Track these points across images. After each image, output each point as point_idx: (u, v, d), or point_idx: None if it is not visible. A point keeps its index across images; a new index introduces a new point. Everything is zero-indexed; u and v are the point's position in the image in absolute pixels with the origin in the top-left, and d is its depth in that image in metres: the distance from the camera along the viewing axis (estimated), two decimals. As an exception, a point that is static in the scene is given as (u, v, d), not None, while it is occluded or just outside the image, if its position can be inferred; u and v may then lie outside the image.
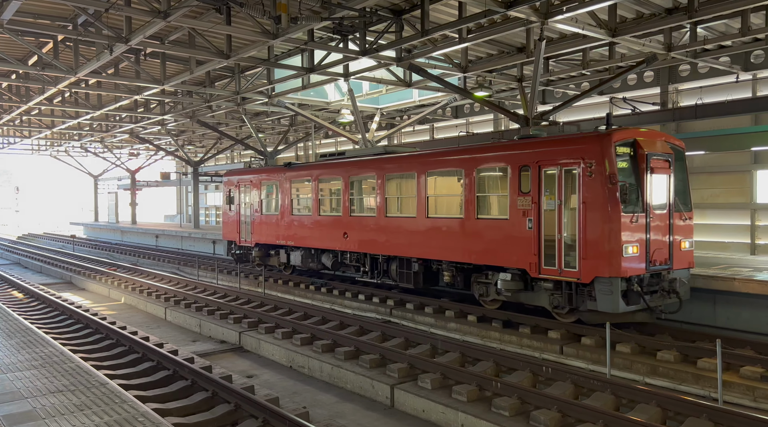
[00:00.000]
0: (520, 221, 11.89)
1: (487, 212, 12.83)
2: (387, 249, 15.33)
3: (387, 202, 15.32)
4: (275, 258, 20.49)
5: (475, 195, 12.95)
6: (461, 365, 9.90)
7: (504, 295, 12.53)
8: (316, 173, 17.88)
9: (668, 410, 7.48)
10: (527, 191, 11.83)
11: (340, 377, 9.73)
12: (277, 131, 33.80)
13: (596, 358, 10.25)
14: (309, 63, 17.14)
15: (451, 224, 13.51)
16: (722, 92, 18.63)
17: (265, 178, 20.46)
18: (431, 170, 14.13)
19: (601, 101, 21.56)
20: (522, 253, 11.81)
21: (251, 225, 20.90)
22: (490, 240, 12.57)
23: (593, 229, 10.71)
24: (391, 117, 28.43)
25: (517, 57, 17.03)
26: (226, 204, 22.47)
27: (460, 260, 13.40)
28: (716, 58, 16.99)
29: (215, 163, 48.35)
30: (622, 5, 13.62)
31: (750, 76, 18.01)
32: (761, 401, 8.18)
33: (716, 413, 7.08)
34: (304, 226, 18.31)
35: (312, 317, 13.60)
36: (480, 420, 7.43)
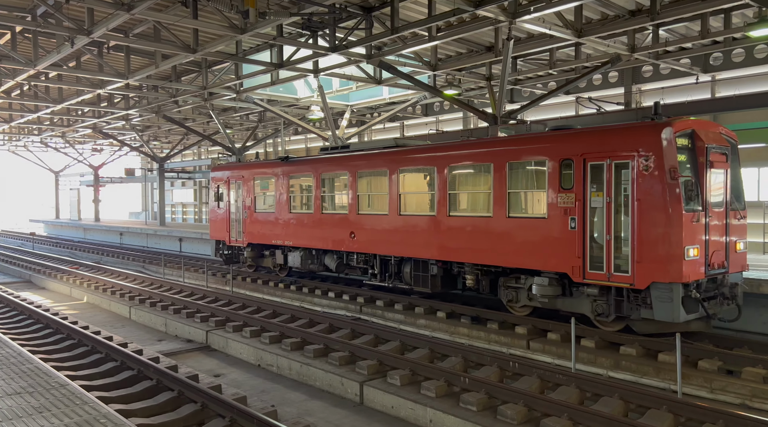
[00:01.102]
0: (560, 220, 10.74)
1: (521, 210, 11.65)
2: (400, 250, 14.04)
3: (401, 200, 13.98)
4: (269, 259, 18.99)
5: (506, 191, 11.69)
6: (430, 361, 9.96)
7: (539, 301, 11.50)
8: (319, 168, 16.34)
9: (630, 402, 7.67)
10: (569, 187, 10.65)
11: (309, 374, 9.69)
12: (246, 127, 33.40)
13: (562, 352, 10.44)
14: (278, 59, 16.99)
15: (476, 223, 12.29)
16: (683, 93, 19.19)
17: (259, 173, 18.80)
18: (453, 164, 12.80)
19: (567, 101, 21.97)
20: (563, 255, 10.69)
21: (243, 224, 19.33)
22: (523, 241, 11.40)
23: (650, 229, 9.62)
24: (361, 114, 28.40)
25: (486, 56, 17.21)
26: (214, 201, 20.73)
27: (486, 263, 12.25)
28: (677, 59, 17.49)
29: (182, 159, 47.52)
30: (587, 6, 13.89)
31: (709, 77, 18.59)
32: (718, 392, 8.46)
33: (675, 404, 7.29)
34: (304, 225, 16.92)
35: (281, 315, 13.49)
36: (448, 415, 7.50)
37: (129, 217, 55.61)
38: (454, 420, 7.42)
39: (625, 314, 10.32)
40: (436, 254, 13.21)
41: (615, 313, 10.43)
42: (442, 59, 18.43)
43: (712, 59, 17.97)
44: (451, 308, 13.50)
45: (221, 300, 15.53)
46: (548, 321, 11.82)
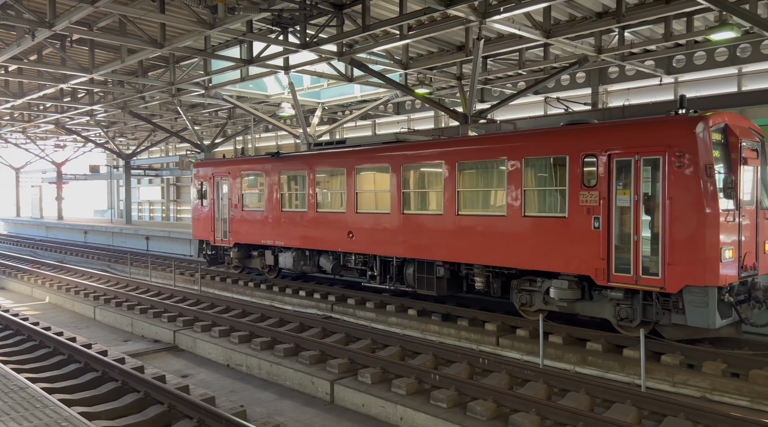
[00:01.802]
0: (582, 220, 10.12)
1: (538, 209, 10.94)
2: (404, 251, 13.23)
3: (404, 198, 13.20)
4: (258, 260, 18.00)
5: (522, 189, 11.02)
6: (401, 358, 9.98)
7: (557, 305, 10.89)
8: (313, 164, 15.44)
9: (596, 397, 7.82)
10: (593, 185, 10.04)
11: (279, 374, 9.61)
12: (215, 124, 32.93)
13: (530, 349, 10.59)
14: (248, 55, 16.79)
15: (488, 222, 11.60)
16: (647, 94, 19.67)
17: (247, 169, 17.77)
18: (463, 160, 12.05)
19: (536, 101, 22.28)
20: (585, 257, 10.08)
21: (229, 223, 18.29)
22: (541, 242, 10.75)
23: (683, 229, 9.05)
24: (333, 112, 28.28)
25: (457, 55, 17.33)
26: (197, 199, 19.65)
27: (498, 265, 11.56)
28: (642, 61, 17.91)
29: (149, 156, 46.61)
30: (556, 8, 14.10)
31: (672, 79, 19.08)
32: (680, 386, 8.70)
33: (639, 398, 7.47)
34: (297, 224, 15.99)
35: (251, 315, 13.35)
36: (418, 413, 7.53)
37: (94, 215, 54.28)
38: (424, 417, 7.45)
39: (652, 319, 9.80)
40: (443, 254, 12.46)
41: (641, 318, 9.89)
42: (413, 58, 18.48)
43: (675, 61, 18.44)
44: (422, 306, 13.55)
45: (189, 300, 15.29)
46: (517, 318, 11.98)
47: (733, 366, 8.86)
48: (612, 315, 10.27)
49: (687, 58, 18.13)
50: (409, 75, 20.22)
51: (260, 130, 34.21)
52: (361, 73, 18.66)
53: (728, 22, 12.17)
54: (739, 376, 8.67)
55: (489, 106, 19.19)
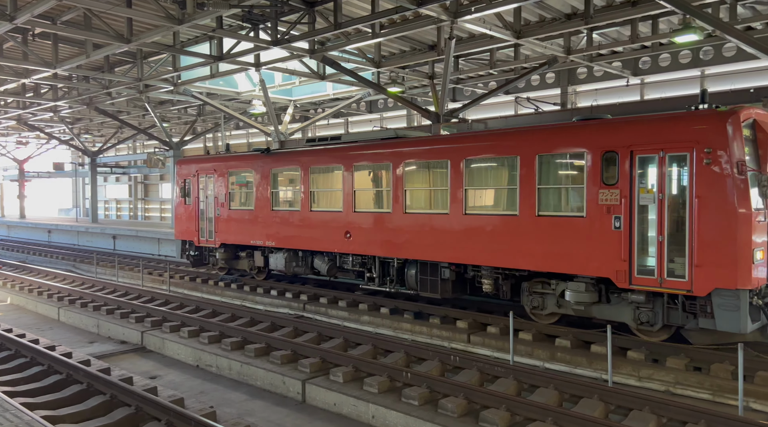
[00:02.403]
0: (602, 219, 9.66)
1: (553, 208, 10.41)
2: (406, 252, 12.65)
3: (407, 196, 12.62)
4: (246, 261, 17.22)
5: (536, 187, 10.49)
6: (373, 357, 9.99)
7: (573, 308, 10.47)
8: (307, 161, 14.74)
9: (565, 392, 7.96)
10: (613, 183, 9.57)
11: (250, 374, 9.52)
12: (184, 121, 32.40)
13: (501, 345, 10.71)
14: (218, 51, 16.56)
15: (498, 222, 11.07)
16: (615, 95, 20.07)
17: (235, 166, 16.90)
18: (471, 157, 11.48)
19: (506, 100, 22.52)
20: (604, 258, 9.63)
21: (215, 222, 17.39)
22: (556, 242, 10.27)
23: (713, 230, 8.62)
24: (305, 109, 28.12)
25: (429, 54, 17.40)
26: (180, 197, 18.68)
27: (509, 266, 11.04)
28: (609, 62, 18.27)
29: (116, 153, 45.61)
30: (526, 9, 14.27)
31: (638, 80, 19.51)
32: (645, 380, 8.91)
33: (606, 392, 7.63)
34: (289, 224, 15.22)
35: (221, 315, 13.18)
36: (390, 411, 7.55)
37: (58, 214, 52.86)
38: (396, 415, 7.48)
39: (676, 323, 9.44)
40: (448, 256, 11.90)
41: (663, 322, 9.52)
42: (385, 56, 18.49)
43: (641, 63, 18.86)
44: (395, 304, 13.58)
45: (158, 300, 15.02)
46: (488, 315, 12.10)
47: (695, 361, 9.12)
48: (631, 319, 9.82)
49: (652, 59, 18.56)
50: (381, 73, 20.24)
51: (231, 127, 33.80)
52: (334, 71, 18.60)
53: (691, 25, 12.49)
54: (701, 370, 8.93)
55: (461, 105, 19.35)
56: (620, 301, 9.95)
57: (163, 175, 41.32)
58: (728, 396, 8.05)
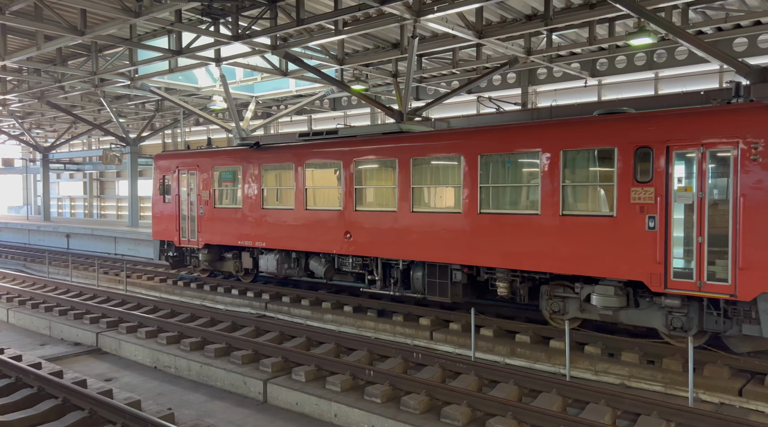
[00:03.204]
0: (634, 219, 9.14)
1: (580, 207, 9.85)
2: (413, 253, 11.97)
3: (414, 195, 11.95)
4: (232, 263, 16.27)
5: (560, 185, 9.93)
6: (336, 355, 9.96)
7: (600, 313, 9.90)
8: (302, 156, 13.93)
9: (524, 387, 8.10)
10: (647, 180, 9.05)
11: (210, 375, 9.35)
12: (142, 117, 31.59)
13: (463, 342, 10.82)
14: (177, 45, 16.18)
15: (517, 222, 10.47)
16: (573, 95, 20.53)
17: (220, 161, 15.93)
18: (486, 153, 10.85)
19: (469, 100, 22.76)
20: (637, 260, 9.13)
21: (198, 222, 16.41)
22: (581, 243, 9.73)
23: (759, 230, 8.13)
24: (267, 106, 27.78)
25: (393, 53, 17.42)
26: (159, 195, 17.58)
27: (529, 268, 10.49)
28: (568, 63, 18.67)
29: (69, 149, 44.09)
30: (488, 9, 14.45)
31: (596, 81, 20.01)
32: (601, 374, 9.16)
33: (564, 387, 7.80)
34: (282, 223, 14.38)
35: (180, 315, 12.91)
36: (353, 409, 7.53)
37: (8, 211, 50.78)
38: (359, 413, 7.47)
39: (714, 329, 8.98)
40: (461, 257, 11.26)
41: (698, 327, 9.08)
42: (349, 54, 18.43)
43: (599, 65, 19.35)
44: (358, 302, 13.56)
45: (114, 300, 14.60)
46: (450, 312, 12.21)
47: (648, 355, 9.41)
48: (662, 324, 9.38)
49: (609, 61, 19.06)
50: (345, 71, 20.14)
51: (190, 123, 33.12)
52: (296, 68, 18.43)
53: (646, 29, 12.87)
54: (654, 363, 9.22)
55: (424, 103, 19.45)
56: (650, 305, 9.49)
57: (120, 172, 40.20)
58: (679, 388, 8.34)
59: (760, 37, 16.14)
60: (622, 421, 7.15)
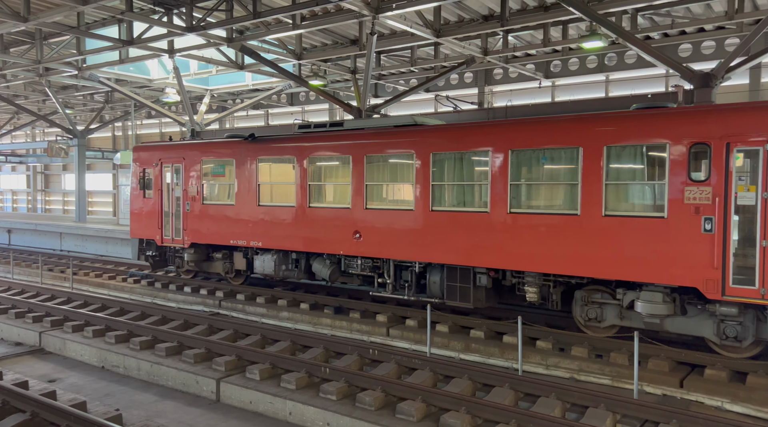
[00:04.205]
0: (688, 221, 8.55)
1: (624, 208, 9.22)
2: (431, 254, 11.20)
3: (434, 192, 11.15)
4: (221, 263, 15.15)
5: (603, 183, 9.27)
6: (292, 353, 9.87)
7: (645, 321, 9.28)
8: (305, 150, 12.97)
9: (478, 382, 8.23)
10: (703, 179, 8.48)
11: (160, 374, 9.11)
12: (90, 108, 30.48)
13: (419, 338, 10.91)
14: (128, 35, 15.66)
15: (553, 223, 9.77)
16: (528, 96, 20.96)
17: (210, 154, 14.79)
18: (519, 148, 10.11)
19: (427, 98, 22.93)
20: (690, 265, 8.55)
21: (184, 219, 15.20)
22: (626, 246, 9.09)
23: None
24: (222, 100, 27.25)
25: (351, 49, 17.37)
26: (138, 189, 16.33)
27: (564, 273, 9.79)
28: (524, 64, 19.04)
29: (11, 141, 42.12)
30: (446, 8, 14.57)
31: (550, 83, 20.48)
32: (552, 368, 9.39)
33: (516, 381, 7.97)
34: (281, 221, 13.41)
35: (130, 313, 12.53)
36: (308, 406, 7.49)
37: (-57, 205, 48.09)
38: (314, 410, 7.43)
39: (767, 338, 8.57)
40: (487, 260, 10.54)
41: (754, 337, 8.62)
42: (307, 49, 18.26)
43: (553, 66, 19.82)
44: (315, 299, 13.48)
45: (59, 298, 14.04)
46: (407, 308, 12.28)
47: (597, 349, 9.72)
48: (713, 333, 8.84)
49: (562, 63, 19.55)
50: (303, 66, 19.95)
51: (142, 116, 32.14)
52: (253, 61, 18.15)
53: (597, 32, 13.26)
54: (602, 357, 9.52)
55: (383, 101, 19.47)
56: (700, 313, 8.92)
57: (67, 166, 38.68)
58: (625, 381, 8.65)
59: (703, 44, 16.88)
60: (571, 413, 7.36)
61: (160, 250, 16.50)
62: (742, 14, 13.50)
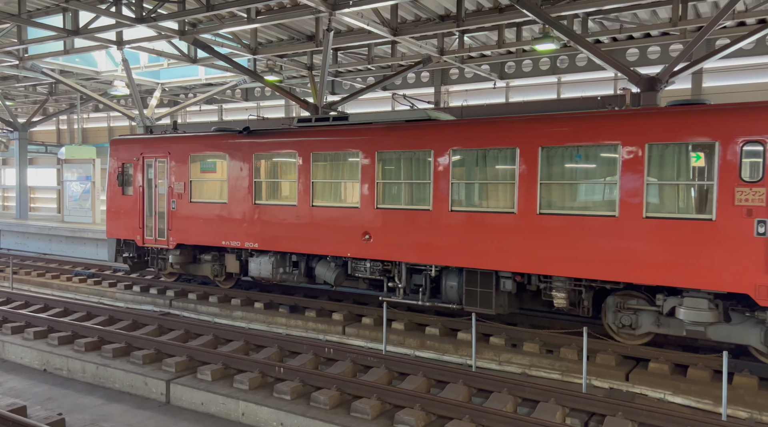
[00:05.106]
0: (738, 223, 8.13)
1: (667, 209, 8.74)
2: (450, 257, 10.59)
3: (453, 191, 10.53)
4: (210, 266, 14.12)
5: (644, 183, 8.79)
6: (245, 353, 9.71)
7: (687, 328, 8.84)
8: (308, 145, 12.16)
9: (432, 379, 8.30)
10: (757, 180, 8.04)
11: (107, 376, 8.80)
12: (33, 100, 29.16)
13: (375, 336, 10.92)
14: (73, 25, 15.06)
15: (588, 224, 9.23)
16: (483, 96, 21.28)
17: (200, 148, 13.77)
18: (550, 145, 9.52)
19: (384, 96, 22.97)
20: (740, 270, 8.12)
21: (169, 218, 14.21)
22: (669, 250, 8.62)
23: None
24: (174, 94, 26.56)
25: (308, 45, 17.22)
26: (116, 186, 15.15)
27: (600, 277, 9.23)
28: (479, 65, 19.32)
29: (-53, 133, 39.82)
30: (402, 7, 14.62)
31: (504, 83, 20.85)
32: (505, 364, 9.57)
33: (470, 377, 8.08)
34: (280, 221, 12.60)
35: (75, 313, 12.06)
36: (261, 407, 7.38)
37: None
38: (267, 411, 7.33)
39: None
40: (513, 263, 9.97)
41: None
42: (262, 44, 17.98)
43: (507, 67, 20.18)
44: (270, 299, 13.31)
45: (-2, 299, 13.38)
46: (363, 307, 12.27)
47: (548, 344, 9.96)
48: (760, 342, 8.48)
49: (517, 65, 19.93)
50: (258, 61, 19.64)
51: (89, 109, 30.99)
52: (206, 55, 17.73)
53: (550, 35, 13.57)
54: (552, 352, 9.77)
55: (339, 98, 19.38)
56: (746, 320, 8.55)
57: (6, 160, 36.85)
58: (574, 375, 8.89)
59: (649, 49, 17.52)
60: (523, 408, 7.51)
61: (140, 251, 15.45)
62: (686, 21, 14.08)
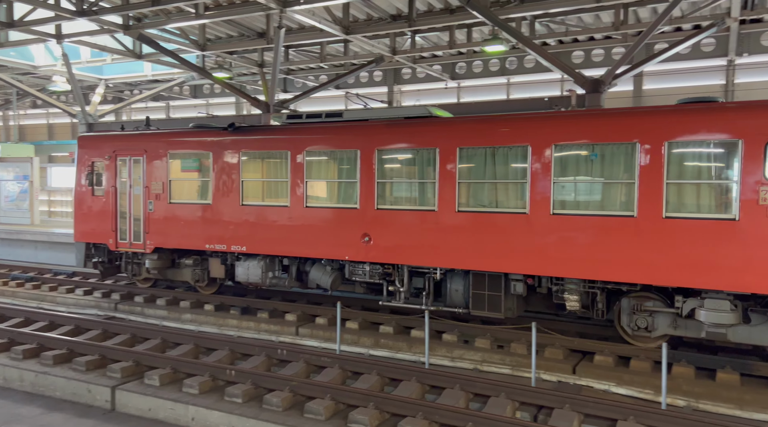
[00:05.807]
0: (763, 223, 8.02)
1: (688, 209, 8.55)
2: (456, 259, 10.24)
3: (460, 191, 10.19)
4: (191, 271, 13.30)
5: (664, 183, 8.60)
6: (195, 356, 9.48)
7: (708, 330, 8.72)
8: (301, 142, 11.58)
9: (386, 377, 8.33)
10: None
11: (47, 384, 8.42)
12: (-35, 95, 27.55)
13: (329, 336, 10.87)
14: (7, 16, 14.32)
15: (603, 225, 9.02)
16: (435, 96, 21.52)
17: (180, 145, 12.93)
18: (563, 142, 9.29)
19: (337, 95, 22.88)
20: (765, 271, 8.10)
21: (146, 220, 13.33)
22: (690, 250, 8.48)
23: None
24: (118, 90, 25.66)
25: (258, 42, 16.96)
26: (86, 186, 14.16)
27: (617, 279, 9.03)
28: (431, 65, 19.51)
29: None
30: (354, 6, 14.59)
31: (456, 84, 21.14)
32: (457, 360, 9.70)
33: (423, 374, 8.15)
34: (270, 223, 11.94)
35: (11, 319, 11.49)
36: (211, 411, 7.23)
37: None
38: (218, 415, 7.18)
39: None
40: (524, 266, 9.71)
41: None
42: (211, 40, 17.60)
43: (458, 68, 20.46)
44: (220, 301, 13.04)
45: (-74, 306, 12.58)
46: (317, 306, 12.19)
47: (498, 340, 10.16)
48: None
49: (467, 65, 20.24)
50: (207, 57, 19.21)
51: (26, 105, 29.56)
52: (152, 51, 17.22)
53: (499, 37, 13.83)
54: (503, 348, 9.98)
55: (292, 96, 19.18)
56: (766, 321, 8.48)
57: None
58: (524, 370, 9.10)
59: (593, 52, 18.13)
60: (475, 403, 7.63)
61: (112, 255, 14.45)
62: (627, 26, 14.64)
